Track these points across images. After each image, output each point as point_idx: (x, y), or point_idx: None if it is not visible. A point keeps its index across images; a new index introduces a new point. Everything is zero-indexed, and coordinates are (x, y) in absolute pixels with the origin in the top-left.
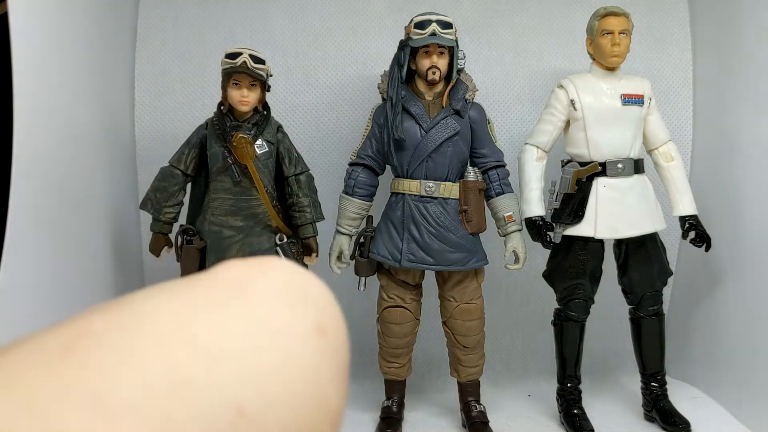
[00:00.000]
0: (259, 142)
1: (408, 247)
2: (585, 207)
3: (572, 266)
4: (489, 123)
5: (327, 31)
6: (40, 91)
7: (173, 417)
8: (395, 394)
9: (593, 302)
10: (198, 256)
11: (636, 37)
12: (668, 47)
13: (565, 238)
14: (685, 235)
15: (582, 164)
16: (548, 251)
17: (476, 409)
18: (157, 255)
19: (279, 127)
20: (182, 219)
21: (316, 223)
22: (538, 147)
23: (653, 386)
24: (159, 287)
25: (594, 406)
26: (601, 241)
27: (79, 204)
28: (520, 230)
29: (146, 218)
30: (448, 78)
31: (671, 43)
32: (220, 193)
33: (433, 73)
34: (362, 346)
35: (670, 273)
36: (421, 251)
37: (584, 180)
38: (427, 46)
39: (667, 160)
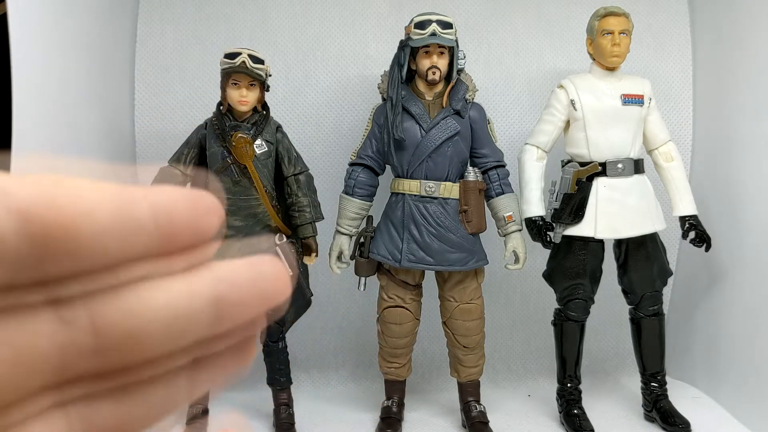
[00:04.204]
0: (258, 141)
1: (408, 247)
2: (585, 207)
3: (572, 266)
4: (489, 123)
5: (327, 31)
6: (40, 92)
7: None
8: (395, 394)
9: (593, 302)
10: None
11: (636, 38)
12: (668, 47)
13: (565, 238)
14: (685, 235)
15: (582, 164)
16: (548, 251)
17: (476, 409)
18: None
19: (278, 127)
20: None
21: (316, 223)
22: (538, 147)
23: (653, 386)
24: None
25: (594, 406)
26: (601, 241)
27: None
28: (520, 230)
29: None
30: (448, 78)
31: (671, 43)
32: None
33: (434, 73)
34: (362, 346)
35: (670, 273)
36: (421, 251)
37: (584, 180)
38: (427, 46)
39: (667, 160)
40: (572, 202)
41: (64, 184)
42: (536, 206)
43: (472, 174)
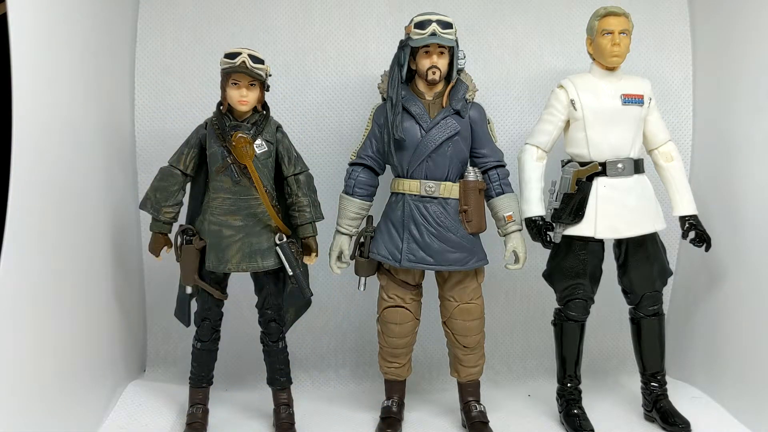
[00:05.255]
0: (258, 141)
1: (408, 247)
2: (585, 207)
3: (572, 266)
4: (489, 123)
5: (327, 31)
6: (40, 92)
7: None
8: (395, 394)
9: (593, 302)
10: (198, 256)
11: (636, 37)
12: (668, 47)
13: (565, 238)
14: (685, 235)
15: (582, 164)
16: (548, 251)
17: (476, 409)
18: (157, 255)
19: (278, 127)
20: (182, 219)
21: (316, 223)
22: (538, 147)
23: (653, 386)
24: None
25: (594, 406)
26: (601, 241)
27: (79, 204)
28: (520, 230)
29: (146, 218)
30: (448, 78)
31: (671, 43)
32: (219, 193)
33: (433, 73)
34: (362, 346)
35: (670, 273)
36: (421, 251)
37: (584, 180)
38: (427, 46)
39: (667, 160)
40: (572, 202)
41: None
42: (536, 206)
43: (472, 174)
